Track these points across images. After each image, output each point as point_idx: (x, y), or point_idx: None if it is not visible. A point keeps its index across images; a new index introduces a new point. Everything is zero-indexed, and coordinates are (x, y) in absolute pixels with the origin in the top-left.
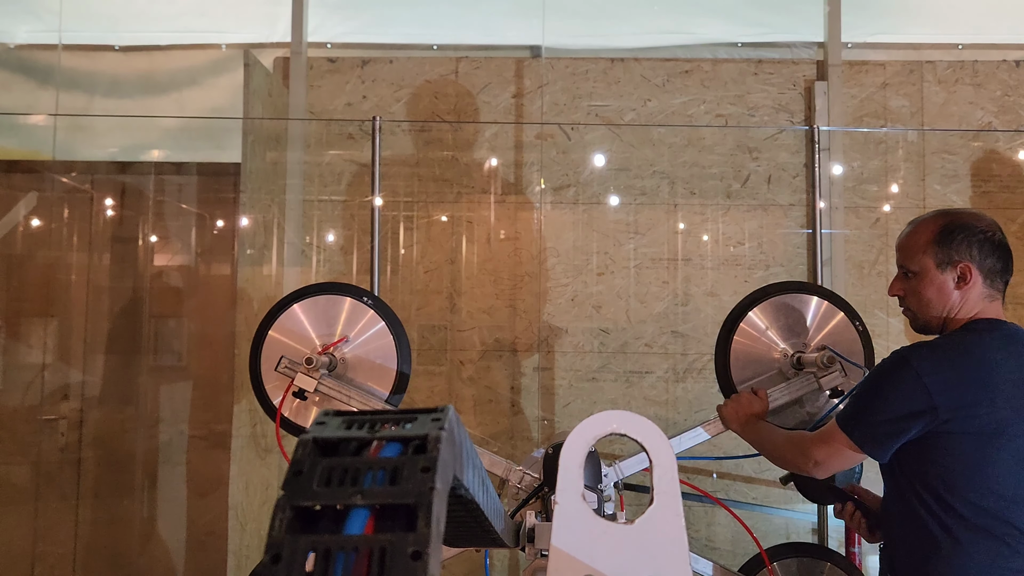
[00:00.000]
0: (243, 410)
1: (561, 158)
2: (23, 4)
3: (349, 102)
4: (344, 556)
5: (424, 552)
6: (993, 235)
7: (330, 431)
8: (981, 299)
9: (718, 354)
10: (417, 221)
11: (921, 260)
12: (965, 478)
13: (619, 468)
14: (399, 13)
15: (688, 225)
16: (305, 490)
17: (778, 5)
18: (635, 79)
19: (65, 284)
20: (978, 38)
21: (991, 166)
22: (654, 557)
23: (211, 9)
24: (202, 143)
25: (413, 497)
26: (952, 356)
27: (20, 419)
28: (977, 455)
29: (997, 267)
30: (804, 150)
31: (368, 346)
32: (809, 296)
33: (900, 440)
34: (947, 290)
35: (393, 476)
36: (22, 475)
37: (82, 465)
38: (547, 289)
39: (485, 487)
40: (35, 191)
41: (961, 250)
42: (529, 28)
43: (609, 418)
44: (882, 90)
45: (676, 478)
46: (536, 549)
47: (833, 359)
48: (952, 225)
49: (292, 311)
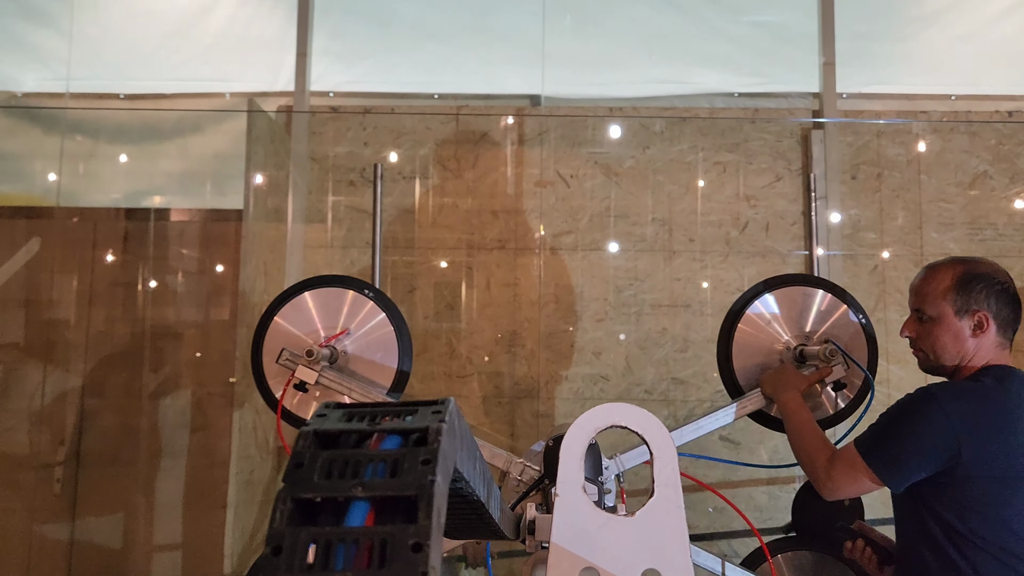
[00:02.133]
0: (241, 457)
1: (561, 205)
2: (31, 53)
3: (350, 149)
4: (345, 548)
5: (425, 544)
6: (1009, 286)
7: (331, 423)
8: (994, 347)
9: (720, 347)
10: (417, 267)
11: (940, 306)
12: (981, 516)
13: (620, 461)
14: (400, 62)
15: (687, 272)
16: (306, 482)
17: (774, 56)
18: (633, 127)
19: (64, 329)
20: (971, 89)
21: (988, 214)
22: (655, 549)
23: (216, 58)
24: (205, 189)
25: (414, 489)
26: (979, 402)
27: (14, 464)
28: (994, 497)
29: (1010, 317)
30: (801, 198)
31: (369, 338)
32: (812, 289)
33: (919, 475)
34: (963, 337)
35: (394, 468)
36: (15, 524)
37: (76, 511)
38: (547, 335)
39: (485, 479)
40: (37, 237)
41: (979, 299)
42: (529, 77)
43: (610, 410)
44: (877, 139)
45: (677, 470)
46: (536, 541)
47: (835, 352)
48: (971, 274)
49: (294, 303)
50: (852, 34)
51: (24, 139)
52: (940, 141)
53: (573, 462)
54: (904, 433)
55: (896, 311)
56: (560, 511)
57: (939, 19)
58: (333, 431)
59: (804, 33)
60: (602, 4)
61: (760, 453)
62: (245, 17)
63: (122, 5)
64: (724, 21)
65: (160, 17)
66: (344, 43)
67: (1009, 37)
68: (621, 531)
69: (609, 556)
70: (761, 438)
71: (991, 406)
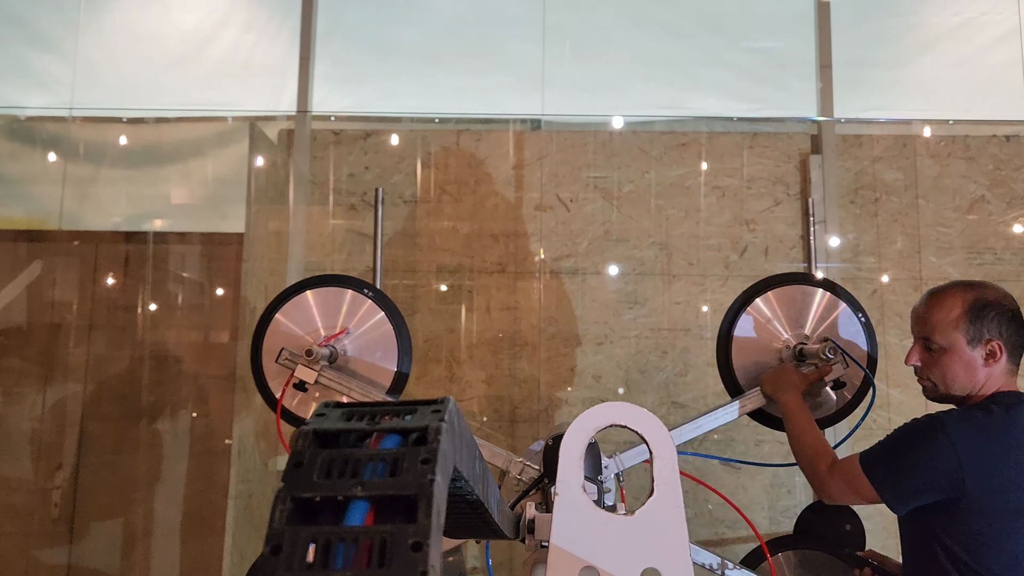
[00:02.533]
0: (240, 481)
1: (560, 228)
2: (35, 78)
3: (352, 172)
4: (344, 547)
5: (424, 543)
6: (1017, 311)
7: (330, 422)
8: (1004, 374)
9: (720, 347)
10: (417, 290)
11: (951, 335)
12: (988, 548)
13: (619, 460)
14: (401, 86)
15: (687, 296)
16: (305, 482)
17: (772, 81)
18: (633, 151)
19: (64, 352)
20: (968, 114)
21: (986, 238)
22: (655, 549)
23: (218, 82)
24: (206, 213)
25: (413, 488)
26: (987, 433)
27: (11, 488)
28: (1003, 530)
29: (1019, 343)
30: (800, 222)
31: (369, 338)
32: (812, 288)
33: (920, 501)
34: (975, 367)
35: (393, 468)
36: (12, 547)
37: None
38: (546, 359)
39: (485, 478)
40: (39, 260)
41: (992, 327)
42: (529, 101)
43: (609, 409)
44: (875, 163)
45: (676, 469)
46: (536, 540)
47: (835, 350)
48: (983, 301)
49: (294, 302)
50: (849, 60)
51: (27, 163)
52: (938, 166)
53: (573, 461)
54: (909, 458)
55: (895, 335)
56: (560, 510)
57: (935, 46)
58: (332, 430)
59: (802, 59)
60: (601, 31)
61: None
62: (248, 43)
63: (126, 31)
64: (722, 47)
65: (164, 43)
66: (346, 68)
67: (1005, 64)
68: (621, 530)
69: (609, 555)
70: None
71: (999, 437)
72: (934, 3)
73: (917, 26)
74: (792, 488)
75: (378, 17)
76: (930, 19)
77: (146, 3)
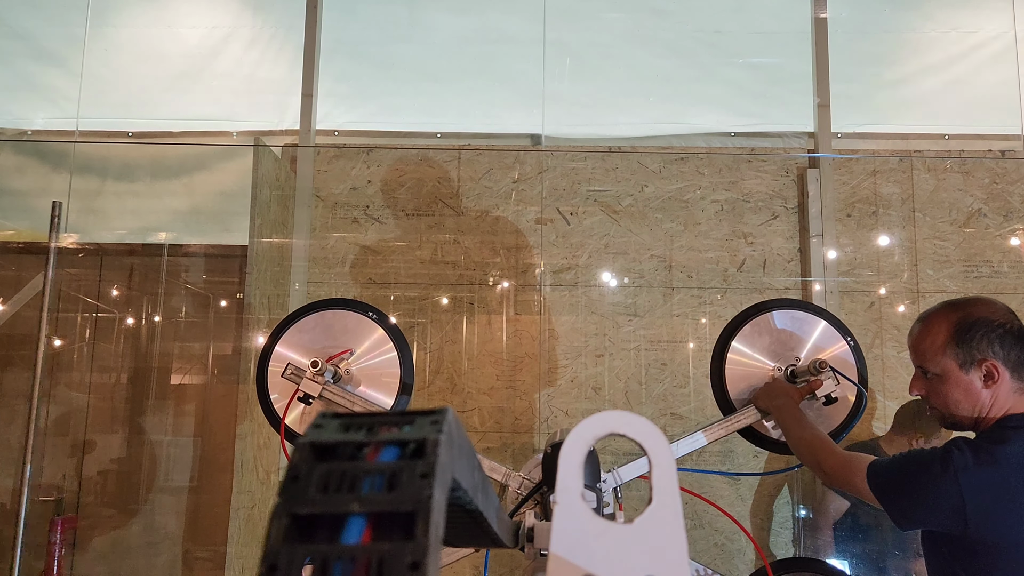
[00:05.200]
0: (240, 492)
1: (561, 241)
2: (41, 92)
3: (354, 186)
4: (342, 566)
5: (422, 562)
6: (1012, 325)
7: (328, 434)
8: (1012, 393)
9: (713, 369)
10: (418, 303)
11: (942, 362)
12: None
13: (618, 475)
14: (404, 103)
15: (686, 308)
16: (302, 497)
17: (769, 97)
18: (632, 166)
19: (67, 365)
20: (964, 129)
21: (983, 252)
22: (653, 557)
23: (223, 98)
24: (210, 226)
25: (411, 504)
26: (996, 468)
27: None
28: (1013, 563)
29: (1021, 359)
30: (797, 235)
31: (372, 359)
32: (802, 313)
33: (924, 527)
34: (975, 390)
35: (391, 482)
36: None
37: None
38: (547, 371)
39: (484, 488)
40: (43, 273)
41: (982, 347)
42: (529, 117)
43: (608, 418)
44: (872, 177)
45: (675, 478)
46: (535, 549)
47: (824, 364)
48: (967, 321)
49: (298, 325)
50: (846, 76)
51: (33, 176)
52: (934, 180)
53: (572, 469)
54: (914, 486)
55: (893, 347)
56: (559, 518)
57: (931, 63)
58: (330, 442)
59: (799, 75)
60: (601, 48)
61: None
62: (253, 59)
63: (132, 47)
64: (720, 64)
65: (169, 59)
66: (349, 85)
67: (1001, 81)
68: (620, 538)
69: (608, 564)
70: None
71: (1009, 472)
72: (931, 19)
73: (914, 42)
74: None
75: (381, 34)
76: (927, 35)
77: (152, 19)
